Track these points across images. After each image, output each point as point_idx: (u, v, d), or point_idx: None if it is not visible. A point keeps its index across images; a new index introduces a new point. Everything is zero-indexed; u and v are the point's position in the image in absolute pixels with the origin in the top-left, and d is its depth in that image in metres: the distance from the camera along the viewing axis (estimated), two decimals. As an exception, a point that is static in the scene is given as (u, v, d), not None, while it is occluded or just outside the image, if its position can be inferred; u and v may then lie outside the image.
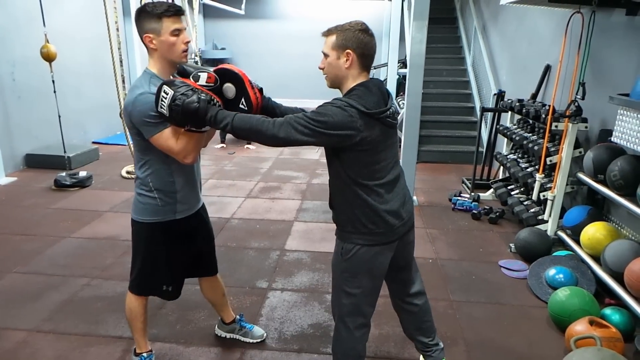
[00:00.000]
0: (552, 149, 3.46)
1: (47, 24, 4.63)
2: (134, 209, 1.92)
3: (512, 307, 2.79)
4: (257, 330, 2.43)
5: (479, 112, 5.83)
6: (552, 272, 2.92)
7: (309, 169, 5.84)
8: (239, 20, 10.38)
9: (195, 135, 1.70)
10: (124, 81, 5.22)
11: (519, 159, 4.18)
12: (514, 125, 4.44)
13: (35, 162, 5.49)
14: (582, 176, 3.12)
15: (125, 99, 1.82)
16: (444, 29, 8.06)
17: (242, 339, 2.39)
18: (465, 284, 3.05)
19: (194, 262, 2.11)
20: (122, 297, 2.72)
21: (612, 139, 2.63)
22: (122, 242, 3.54)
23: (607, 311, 2.50)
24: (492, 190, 4.62)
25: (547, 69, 4.33)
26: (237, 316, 2.42)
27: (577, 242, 3.06)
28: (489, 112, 5.39)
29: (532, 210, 3.75)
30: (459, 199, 4.44)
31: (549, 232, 3.42)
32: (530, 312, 2.74)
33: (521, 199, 4.01)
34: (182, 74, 1.66)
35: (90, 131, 6.84)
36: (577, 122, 3.23)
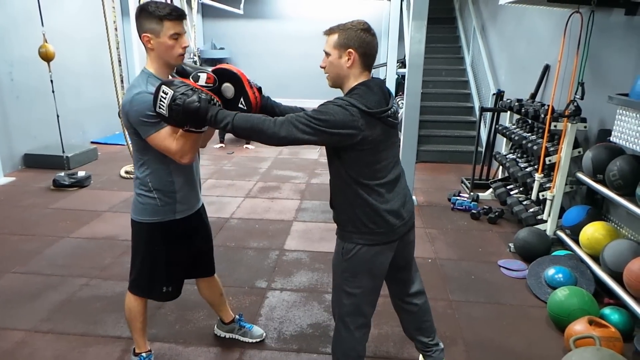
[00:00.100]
0: (551, 149, 3.47)
1: (46, 24, 4.63)
2: (134, 209, 1.91)
3: (511, 306, 2.79)
4: (256, 330, 2.43)
5: (478, 112, 5.83)
6: (551, 271, 2.92)
7: (308, 168, 5.84)
8: (238, 20, 10.38)
9: (192, 135, 1.69)
10: (122, 81, 5.22)
11: (518, 159, 4.19)
12: (513, 125, 4.44)
13: (33, 162, 5.48)
14: (581, 176, 3.13)
15: (123, 99, 1.81)
16: (443, 28, 8.06)
17: (242, 338, 2.39)
18: (464, 283, 3.05)
19: (193, 262, 2.10)
20: (120, 297, 2.72)
21: (611, 139, 2.63)
22: (120, 242, 3.53)
23: (606, 311, 2.50)
24: (491, 190, 4.62)
25: (546, 68, 4.33)
26: (237, 316, 2.42)
27: (576, 241, 3.06)
28: (488, 112, 5.39)
29: (531, 210, 3.75)
30: (458, 198, 4.44)
31: (548, 232, 3.42)
32: (529, 311, 2.74)
33: (520, 199, 4.01)
34: (182, 74, 1.65)
35: (88, 131, 6.83)
36: (576, 121, 3.23)
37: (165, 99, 1.56)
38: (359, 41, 1.60)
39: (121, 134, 6.04)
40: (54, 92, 4.81)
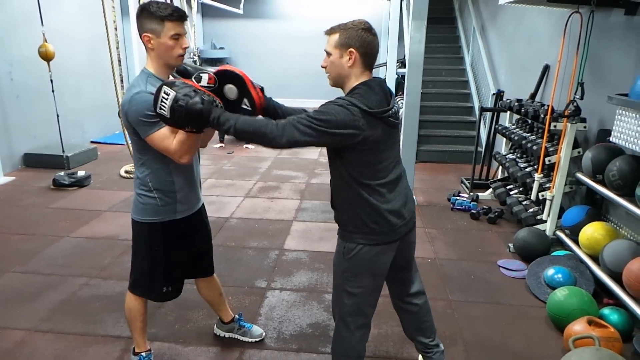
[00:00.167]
0: (551, 149, 3.47)
1: (45, 24, 4.62)
2: (134, 209, 1.92)
3: (510, 306, 2.79)
4: (256, 329, 2.43)
5: (477, 112, 5.83)
6: (550, 272, 2.93)
7: (308, 168, 5.84)
8: (238, 19, 10.38)
9: (191, 135, 1.69)
10: (122, 81, 5.21)
11: (517, 159, 4.19)
12: (513, 125, 4.44)
13: (33, 161, 5.48)
14: (580, 176, 3.13)
15: (122, 98, 1.82)
16: (442, 28, 8.06)
17: (241, 338, 2.39)
18: (464, 283, 3.05)
19: (193, 262, 2.10)
20: (120, 297, 2.72)
21: (611, 139, 2.63)
22: (120, 242, 3.54)
23: (606, 311, 2.51)
24: (490, 190, 4.62)
25: (546, 68, 4.34)
26: (236, 315, 2.42)
27: (576, 242, 3.07)
28: (488, 112, 5.39)
29: (530, 210, 3.75)
30: (458, 198, 4.44)
31: (548, 232, 3.42)
32: (528, 311, 2.74)
33: (520, 199, 4.01)
34: (183, 74, 1.65)
35: (88, 131, 6.83)
36: (575, 122, 3.23)
37: (166, 99, 1.55)
38: (360, 41, 1.60)
39: (121, 133, 6.04)
40: (53, 91, 4.80)
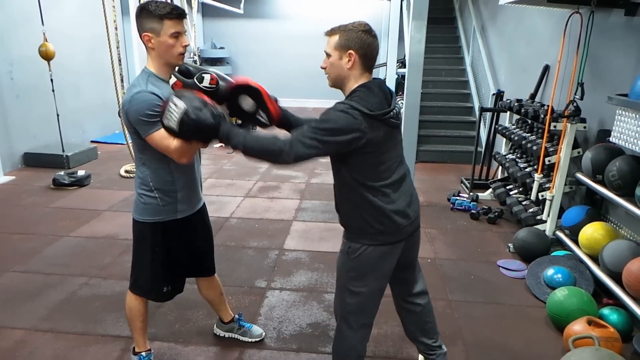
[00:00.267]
0: (551, 149, 3.47)
1: (46, 23, 4.62)
2: (135, 209, 1.92)
3: (510, 307, 2.80)
4: (255, 329, 2.43)
5: (477, 112, 5.83)
6: (550, 272, 2.93)
7: (308, 168, 5.84)
8: (238, 19, 10.37)
9: None
10: (122, 80, 5.21)
11: (517, 159, 4.19)
12: (513, 125, 4.44)
13: (33, 161, 5.48)
14: (580, 176, 3.13)
15: (123, 98, 1.82)
16: (442, 29, 8.06)
17: (241, 338, 2.39)
18: (463, 283, 3.05)
19: (194, 262, 2.10)
20: (120, 297, 2.73)
21: (611, 139, 2.63)
22: (120, 241, 3.54)
23: (605, 311, 2.51)
24: (490, 190, 4.62)
25: (546, 69, 4.34)
26: (236, 315, 2.42)
27: (576, 242, 3.07)
28: (488, 112, 5.40)
29: (530, 210, 3.75)
30: (458, 198, 4.45)
31: (548, 232, 3.43)
32: (528, 312, 2.74)
33: (520, 199, 4.01)
34: (185, 74, 1.65)
35: (88, 130, 6.82)
36: (575, 122, 3.23)
37: (175, 112, 1.52)
38: (360, 42, 1.60)
39: (121, 133, 6.05)
40: (54, 91, 4.80)
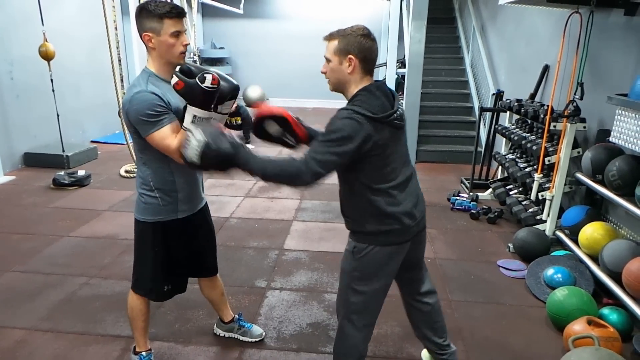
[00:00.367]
0: (551, 149, 3.47)
1: (46, 23, 4.62)
2: (137, 209, 1.92)
3: (510, 306, 2.80)
4: (255, 329, 2.43)
5: (477, 112, 5.83)
6: (550, 271, 2.93)
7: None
8: (238, 19, 10.38)
9: None
10: (122, 80, 5.22)
11: (517, 159, 4.19)
12: (513, 125, 4.45)
13: (33, 161, 5.48)
14: (580, 176, 3.13)
15: (123, 98, 1.82)
16: (442, 29, 8.06)
17: (241, 338, 2.39)
18: (463, 283, 3.05)
19: (196, 261, 2.11)
20: (120, 296, 2.73)
21: (611, 139, 2.63)
22: (120, 241, 3.54)
23: (605, 311, 2.51)
24: (490, 190, 4.62)
25: (546, 69, 4.34)
26: (236, 315, 2.42)
27: (576, 242, 3.07)
28: (488, 112, 5.40)
29: (530, 210, 3.75)
30: (458, 198, 4.45)
31: (548, 232, 3.43)
32: (528, 311, 2.74)
33: (520, 199, 4.02)
34: (187, 74, 1.65)
35: (88, 130, 6.82)
36: (575, 122, 3.23)
37: (196, 145, 1.54)
38: (359, 47, 1.61)
39: (121, 133, 6.04)
40: (54, 91, 4.79)
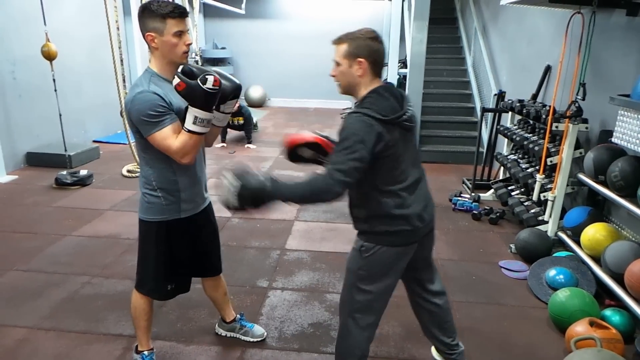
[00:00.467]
0: (553, 150, 3.46)
1: (48, 23, 4.63)
2: (140, 208, 1.93)
3: (512, 307, 2.79)
4: (257, 329, 2.44)
5: (479, 113, 5.83)
6: (552, 272, 2.92)
7: (310, 168, 5.82)
8: (240, 19, 10.39)
9: (193, 136, 1.71)
10: (124, 80, 5.23)
11: (519, 160, 4.18)
12: (515, 125, 4.44)
13: (36, 160, 5.49)
14: (582, 177, 3.13)
15: (125, 98, 1.82)
16: (444, 29, 8.05)
17: (243, 337, 2.40)
18: (465, 284, 3.05)
19: (199, 261, 2.11)
20: (122, 296, 2.74)
21: (613, 140, 2.62)
22: (122, 241, 3.54)
23: (607, 312, 2.51)
24: (492, 190, 4.61)
25: (548, 69, 4.33)
26: (238, 315, 2.43)
27: (578, 243, 3.06)
28: (490, 113, 5.39)
29: (532, 210, 3.75)
30: (460, 199, 4.44)
31: (549, 233, 3.42)
32: (530, 312, 2.74)
33: (521, 200, 4.01)
34: (189, 75, 1.65)
35: (90, 130, 6.83)
36: (577, 122, 3.23)
37: (233, 190, 1.59)
38: (368, 50, 1.63)
39: (123, 132, 6.05)
40: (56, 91, 4.81)
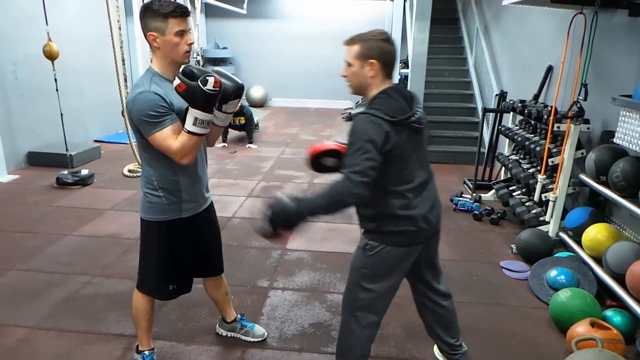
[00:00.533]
0: (554, 150, 3.46)
1: (49, 23, 4.63)
2: (142, 208, 1.93)
3: (513, 308, 2.79)
4: (258, 329, 2.44)
5: (480, 113, 5.82)
6: (553, 273, 2.92)
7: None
8: (241, 19, 10.39)
9: (193, 137, 1.71)
10: (125, 80, 5.23)
11: (520, 160, 4.18)
12: (516, 126, 4.43)
13: (37, 160, 5.50)
14: (584, 177, 3.12)
15: (126, 97, 1.82)
16: (445, 29, 8.04)
17: (243, 337, 2.40)
18: (466, 284, 3.05)
19: (201, 261, 2.11)
20: (122, 295, 2.74)
21: (615, 141, 2.62)
22: (123, 240, 3.55)
23: (609, 313, 2.50)
24: (493, 191, 4.61)
25: (549, 69, 4.33)
26: (238, 315, 2.43)
27: (579, 243, 3.05)
28: (491, 113, 5.38)
29: (533, 211, 3.74)
30: (461, 199, 4.44)
31: (551, 233, 3.42)
32: (531, 313, 2.74)
33: (523, 200, 4.00)
34: (189, 76, 1.65)
35: (92, 129, 6.84)
36: (579, 123, 3.22)
37: (267, 218, 1.62)
38: (380, 51, 1.64)
39: (124, 132, 6.05)
40: (57, 90, 4.81)
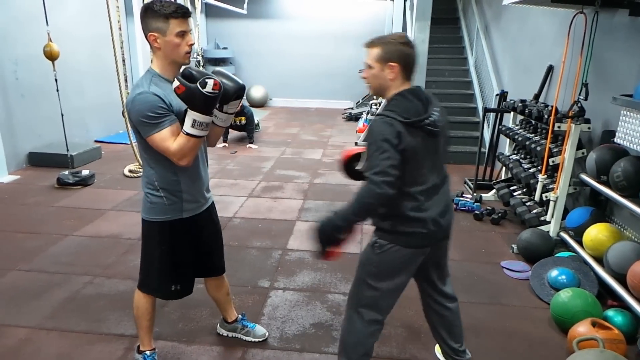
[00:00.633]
0: (555, 150, 3.46)
1: (50, 23, 4.64)
2: (143, 208, 1.93)
3: (514, 308, 2.79)
4: (259, 329, 2.44)
5: (481, 113, 5.82)
6: (554, 273, 2.92)
7: (311, 168, 5.84)
8: (241, 19, 10.40)
9: (192, 139, 1.71)
10: (126, 80, 5.23)
11: (521, 160, 4.18)
12: (517, 125, 4.43)
13: (38, 160, 5.50)
14: (584, 177, 3.12)
15: (126, 98, 1.83)
16: (446, 29, 8.05)
17: (244, 338, 2.40)
18: (467, 284, 3.05)
19: (202, 261, 2.11)
20: (124, 295, 2.74)
21: (615, 140, 2.62)
22: (124, 241, 3.55)
23: (610, 313, 2.50)
24: (494, 191, 4.61)
25: (550, 69, 4.33)
26: (239, 315, 2.43)
27: (580, 243, 3.05)
28: (492, 113, 5.37)
29: (534, 211, 3.74)
30: (461, 199, 4.44)
31: (552, 233, 3.42)
32: (532, 313, 2.74)
33: (523, 200, 4.00)
34: (189, 78, 1.65)
35: (92, 130, 6.85)
36: (579, 123, 3.22)
37: (313, 238, 1.71)
38: (400, 54, 1.67)
39: (125, 132, 6.06)
40: (58, 90, 4.82)
